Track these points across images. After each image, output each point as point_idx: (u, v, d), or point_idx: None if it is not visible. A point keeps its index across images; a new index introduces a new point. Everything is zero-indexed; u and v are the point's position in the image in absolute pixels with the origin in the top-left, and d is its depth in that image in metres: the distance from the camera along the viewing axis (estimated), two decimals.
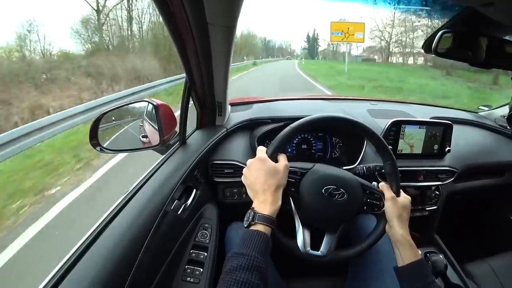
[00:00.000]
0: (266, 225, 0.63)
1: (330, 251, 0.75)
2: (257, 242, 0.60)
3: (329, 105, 1.53)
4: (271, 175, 0.68)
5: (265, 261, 0.59)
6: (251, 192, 0.70)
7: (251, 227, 0.63)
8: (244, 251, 0.58)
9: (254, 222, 0.63)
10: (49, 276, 0.57)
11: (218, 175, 1.10)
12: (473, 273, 1.15)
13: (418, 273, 0.69)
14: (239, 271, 0.54)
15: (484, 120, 1.60)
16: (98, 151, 0.98)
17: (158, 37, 16.67)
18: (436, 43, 0.69)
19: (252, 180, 0.69)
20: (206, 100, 1.05)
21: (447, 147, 1.24)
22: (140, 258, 0.66)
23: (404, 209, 0.76)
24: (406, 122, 1.20)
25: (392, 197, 0.76)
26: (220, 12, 0.66)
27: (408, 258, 0.70)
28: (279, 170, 0.70)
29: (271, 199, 0.66)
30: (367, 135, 0.81)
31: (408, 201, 0.79)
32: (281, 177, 0.70)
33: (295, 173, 0.76)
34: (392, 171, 0.80)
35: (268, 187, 0.67)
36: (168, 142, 1.04)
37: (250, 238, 0.60)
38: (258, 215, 0.63)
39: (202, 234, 0.94)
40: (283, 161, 0.72)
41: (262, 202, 0.66)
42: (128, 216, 0.72)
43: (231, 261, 0.57)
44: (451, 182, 1.28)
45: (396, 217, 0.74)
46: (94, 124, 0.96)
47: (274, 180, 0.68)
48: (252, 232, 0.61)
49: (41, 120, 5.12)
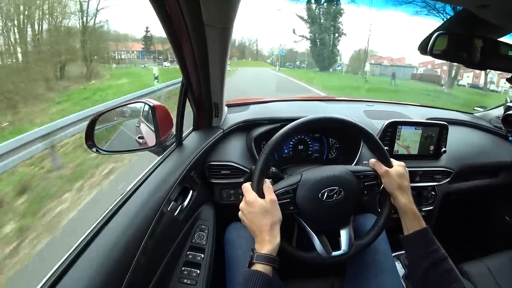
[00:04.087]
0: (266, 264, 0.65)
1: (352, 245, 0.76)
2: (257, 282, 0.62)
3: (325, 106, 1.54)
4: (262, 215, 0.69)
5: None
6: (252, 234, 0.72)
7: (252, 267, 0.65)
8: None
9: (253, 261, 0.65)
10: (45, 279, 0.57)
11: (215, 176, 1.09)
12: (469, 273, 1.16)
13: (421, 241, 0.71)
14: None
15: (480, 121, 1.61)
16: (94, 152, 0.97)
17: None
18: (432, 45, 0.70)
19: (248, 224, 0.72)
20: (203, 101, 1.05)
21: (443, 148, 1.25)
22: (137, 260, 0.65)
23: (402, 177, 0.77)
24: (402, 123, 1.21)
25: (385, 171, 0.77)
26: (217, 14, 0.66)
27: (412, 227, 0.72)
28: (268, 209, 0.70)
29: (268, 238, 0.68)
30: (346, 125, 0.81)
31: (402, 168, 0.79)
32: (273, 214, 0.70)
33: (287, 192, 0.76)
34: (376, 147, 0.81)
35: (263, 227, 0.68)
36: (165, 143, 1.03)
37: (249, 279, 0.62)
38: (257, 255, 0.66)
39: (199, 235, 0.94)
40: (268, 196, 0.72)
41: (260, 242, 0.68)
42: (124, 217, 0.72)
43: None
44: (447, 182, 1.29)
45: (395, 188, 0.75)
46: (90, 125, 0.95)
47: (266, 219, 0.69)
48: (253, 272, 0.64)
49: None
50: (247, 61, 55.88)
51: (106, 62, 22.50)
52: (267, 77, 22.00)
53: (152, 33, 41.48)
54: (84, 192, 3.33)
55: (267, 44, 77.58)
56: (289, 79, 20.14)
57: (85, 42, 16.91)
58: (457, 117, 1.59)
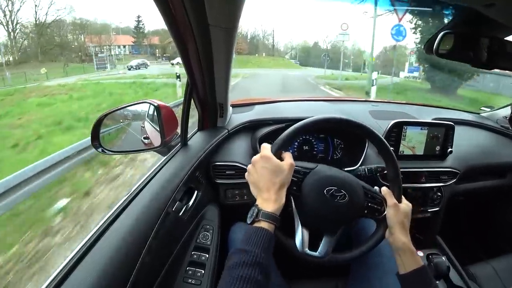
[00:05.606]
0: (270, 223, 0.63)
1: (328, 253, 0.74)
2: (260, 239, 0.60)
3: (330, 106, 1.53)
4: (275, 173, 0.68)
5: (268, 258, 0.59)
6: (255, 189, 0.70)
7: (254, 223, 0.63)
8: (247, 248, 0.58)
9: (258, 219, 0.63)
10: (50, 278, 0.57)
11: (220, 177, 1.10)
12: (476, 275, 1.15)
13: (420, 280, 0.69)
14: (242, 268, 0.55)
15: (486, 121, 1.59)
16: (100, 152, 0.98)
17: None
18: (438, 44, 0.69)
19: (256, 177, 0.69)
20: (208, 102, 1.05)
21: (449, 148, 1.24)
22: (142, 260, 0.66)
23: (406, 216, 0.76)
24: (407, 123, 1.20)
25: (394, 204, 0.75)
26: (221, 14, 0.66)
27: (410, 265, 0.70)
28: (284, 169, 0.69)
29: (275, 197, 0.66)
30: (371, 138, 0.80)
31: (409, 208, 0.78)
32: (286, 176, 0.69)
33: (298, 172, 0.76)
34: (395, 177, 0.80)
35: (272, 185, 0.67)
36: (170, 143, 1.04)
37: (254, 235, 0.60)
38: (262, 212, 0.64)
39: (204, 235, 0.94)
40: (288, 159, 0.72)
41: (266, 200, 0.66)
42: (129, 217, 0.72)
43: (234, 257, 0.57)
44: (453, 183, 1.28)
45: (398, 224, 0.73)
46: (96, 125, 0.96)
47: (278, 178, 0.68)
48: (256, 229, 0.62)
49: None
50: (260, 57, 41.05)
51: (71, 62, 18.74)
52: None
53: (145, 24, 33.05)
54: None
55: (283, 38, 71.94)
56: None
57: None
58: (463, 117, 1.58)
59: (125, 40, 33.60)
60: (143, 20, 34.34)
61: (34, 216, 2.97)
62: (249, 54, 41.31)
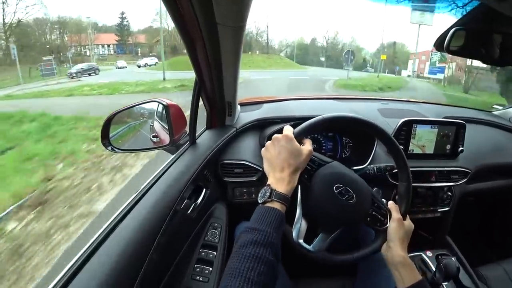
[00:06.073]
0: (282, 203, 0.63)
1: (320, 250, 0.74)
2: (273, 219, 0.59)
3: (339, 104, 1.52)
4: (293, 155, 0.68)
5: (279, 239, 0.59)
6: (269, 167, 0.69)
7: (266, 204, 0.63)
8: (260, 227, 0.58)
9: (271, 199, 0.63)
10: (61, 273, 0.58)
11: (228, 175, 1.10)
12: (486, 276, 1.13)
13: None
14: (253, 246, 0.54)
15: (498, 120, 1.56)
16: (110, 151, 0.99)
17: None
18: (449, 41, 0.68)
19: (274, 155, 0.69)
20: (216, 100, 1.05)
21: (460, 147, 1.22)
22: (150, 257, 0.67)
23: (407, 234, 0.75)
24: (417, 121, 1.18)
25: (399, 219, 0.75)
26: (229, 12, 0.67)
27: (409, 279, 0.69)
28: (303, 154, 0.69)
29: (288, 178, 0.66)
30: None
31: (412, 227, 0.78)
32: (302, 161, 0.69)
33: (313, 161, 0.76)
34: (405, 194, 0.79)
35: (287, 166, 0.67)
36: (178, 142, 1.05)
37: (266, 215, 0.60)
38: (276, 193, 0.63)
39: (212, 233, 0.95)
40: (308, 146, 0.72)
41: (279, 180, 0.66)
42: (138, 215, 0.73)
43: (245, 236, 0.57)
44: (464, 183, 1.26)
45: (399, 239, 0.73)
46: (106, 124, 0.97)
47: (295, 161, 0.68)
48: (268, 208, 0.61)
49: None
50: (254, 55, 36.58)
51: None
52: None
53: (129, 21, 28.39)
54: None
55: (277, 35, 68.92)
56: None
57: None
58: (474, 115, 1.55)
59: (108, 38, 30.43)
60: (127, 17, 30.38)
61: None
62: (242, 52, 38.71)
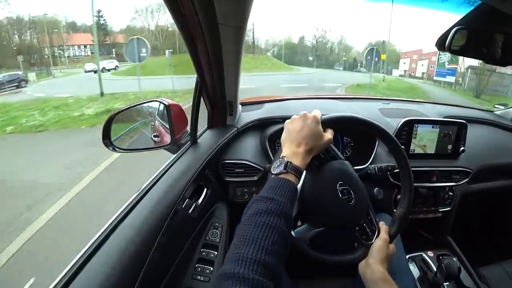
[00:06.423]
0: (296, 176, 0.62)
1: (300, 240, 0.72)
2: (287, 190, 0.58)
3: (340, 104, 1.52)
4: (314, 136, 0.68)
5: (292, 210, 0.58)
6: (288, 138, 0.69)
7: (281, 175, 0.62)
8: (274, 196, 0.56)
9: (287, 170, 0.62)
10: (63, 273, 0.59)
11: (229, 175, 1.10)
12: (487, 277, 1.13)
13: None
14: (267, 215, 0.52)
15: (500, 119, 1.56)
16: (111, 151, 0.99)
17: None
18: (450, 40, 0.68)
19: (296, 127, 0.68)
20: (217, 100, 1.05)
21: (461, 147, 1.21)
22: (151, 256, 0.67)
23: (388, 257, 0.74)
24: (418, 121, 1.18)
25: (386, 239, 0.74)
26: (231, 12, 0.67)
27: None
28: (323, 139, 0.69)
29: (303, 154, 0.65)
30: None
31: (394, 252, 0.77)
32: (320, 146, 0.69)
33: (328, 152, 0.78)
34: (401, 219, 0.79)
35: (305, 144, 0.66)
36: (179, 141, 1.05)
37: (280, 185, 0.59)
38: (292, 165, 0.62)
39: (213, 233, 0.95)
40: (329, 135, 0.72)
41: (295, 153, 0.65)
42: (139, 214, 0.73)
43: (257, 204, 0.55)
44: (465, 183, 1.26)
45: (380, 259, 0.71)
46: (107, 123, 0.97)
47: (313, 142, 0.67)
48: (283, 179, 0.60)
49: None
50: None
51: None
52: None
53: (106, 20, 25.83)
54: None
55: (263, 34, 67.26)
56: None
57: None
58: (476, 115, 1.54)
59: (85, 38, 27.61)
60: (104, 16, 27.81)
61: None
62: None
